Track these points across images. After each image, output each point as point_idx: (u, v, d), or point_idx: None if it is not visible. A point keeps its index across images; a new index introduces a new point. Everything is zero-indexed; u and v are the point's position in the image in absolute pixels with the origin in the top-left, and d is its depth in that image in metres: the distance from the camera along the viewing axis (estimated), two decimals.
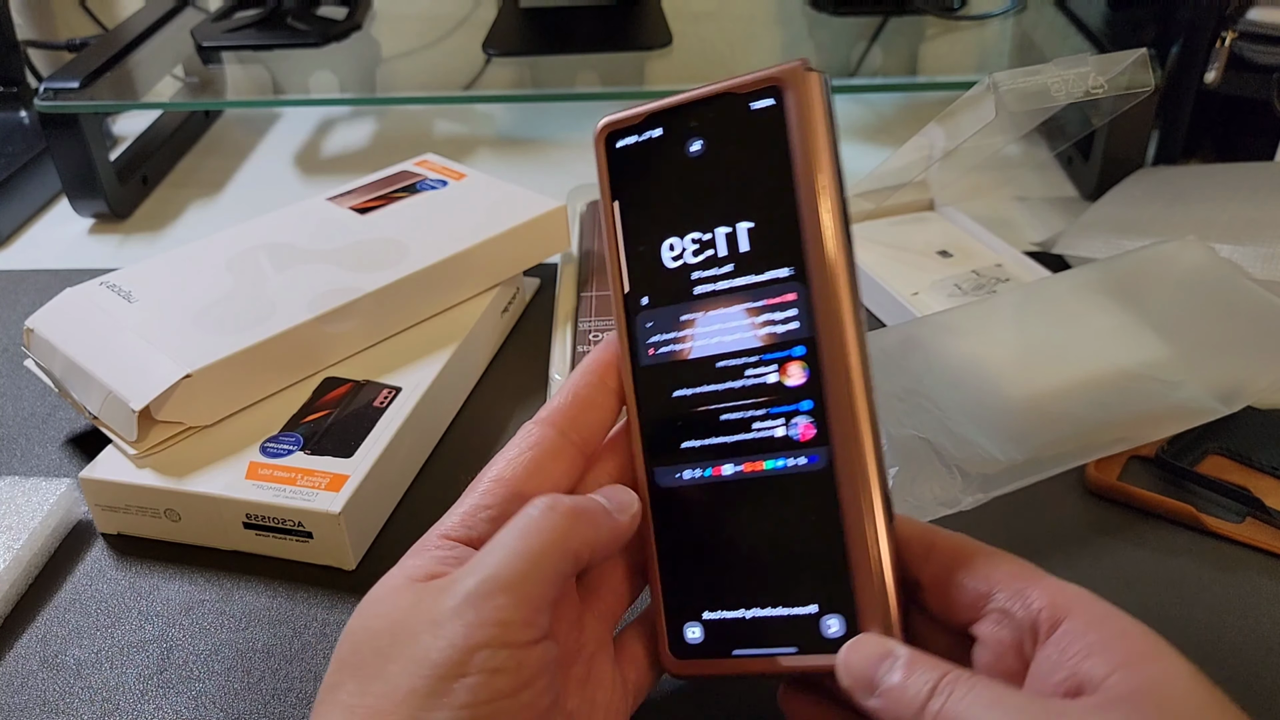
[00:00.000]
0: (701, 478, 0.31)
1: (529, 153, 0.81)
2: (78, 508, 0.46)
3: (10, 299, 0.63)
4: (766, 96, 0.29)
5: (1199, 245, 0.49)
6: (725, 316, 0.30)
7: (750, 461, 0.30)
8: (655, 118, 0.31)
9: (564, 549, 0.27)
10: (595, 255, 0.59)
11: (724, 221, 0.30)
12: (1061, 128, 0.62)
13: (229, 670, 0.39)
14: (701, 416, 0.31)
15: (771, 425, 0.30)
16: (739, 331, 0.30)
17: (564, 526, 0.28)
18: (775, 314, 0.29)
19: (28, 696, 0.38)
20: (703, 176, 0.30)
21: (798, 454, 0.29)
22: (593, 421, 0.32)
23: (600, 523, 0.29)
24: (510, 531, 0.28)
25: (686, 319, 0.31)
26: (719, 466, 0.30)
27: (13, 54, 0.84)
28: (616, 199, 0.32)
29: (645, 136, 0.31)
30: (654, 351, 0.31)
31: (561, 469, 0.31)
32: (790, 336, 0.29)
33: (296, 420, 0.46)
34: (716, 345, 0.30)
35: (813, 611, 0.28)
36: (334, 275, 0.51)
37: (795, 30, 0.90)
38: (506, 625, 0.25)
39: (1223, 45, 0.62)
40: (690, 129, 0.31)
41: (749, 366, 0.30)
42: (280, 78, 0.85)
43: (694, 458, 0.31)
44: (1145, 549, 0.42)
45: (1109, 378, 0.43)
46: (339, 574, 0.43)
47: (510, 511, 0.29)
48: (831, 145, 0.29)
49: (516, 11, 0.83)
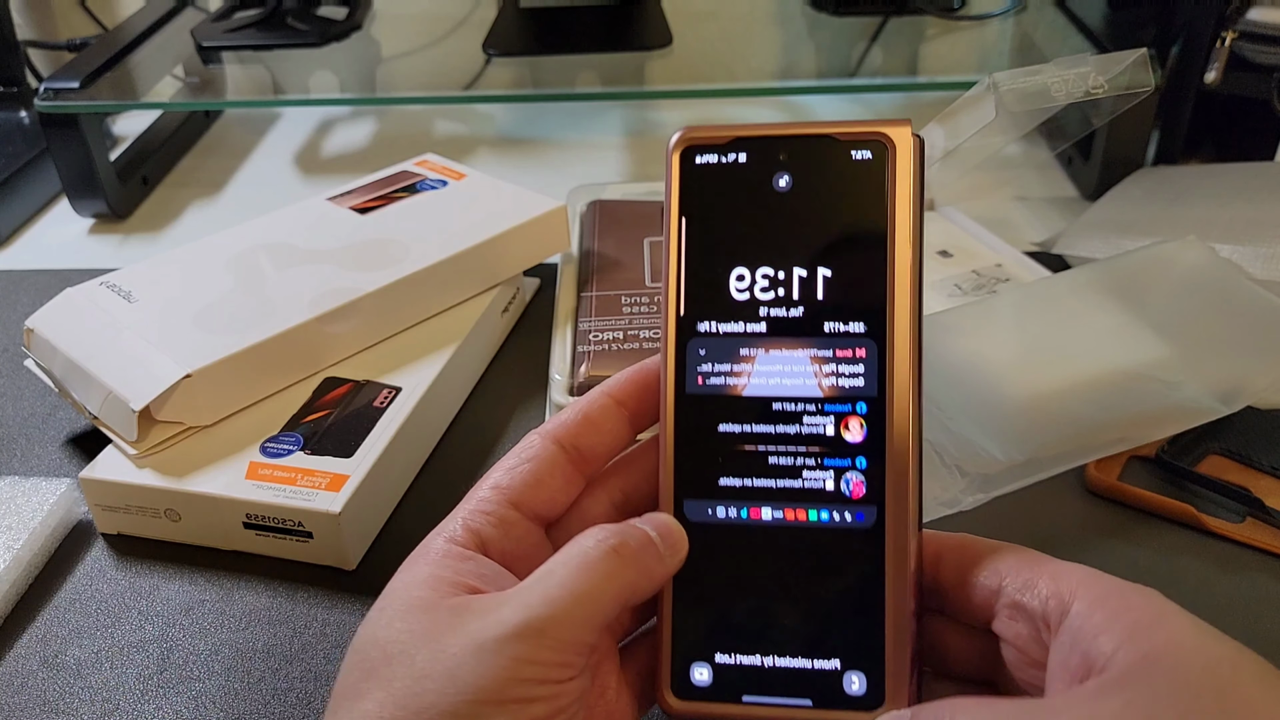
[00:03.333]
0: (736, 517, 0.30)
1: (529, 153, 0.81)
2: (78, 508, 0.46)
3: (10, 299, 0.63)
4: (869, 149, 0.29)
5: (1199, 245, 0.49)
6: (790, 359, 0.30)
7: (793, 509, 0.29)
8: (743, 143, 0.30)
9: (616, 596, 0.27)
10: (595, 255, 0.59)
11: (802, 262, 0.30)
12: (1061, 128, 0.62)
13: (229, 670, 0.39)
14: (746, 455, 0.30)
15: (822, 476, 0.29)
16: (802, 376, 0.29)
17: (619, 572, 0.27)
18: (844, 366, 0.29)
19: (28, 696, 0.38)
20: (785, 213, 0.30)
21: (846, 509, 0.29)
22: (597, 444, 0.31)
23: (654, 569, 0.28)
24: (565, 566, 0.27)
25: (746, 353, 0.30)
26: (757, 509, 0.30)
27: (13, 54, 0.84)
28: (684, 216, 0.31)
29: (729, 159, 0.30)
30: (703, 380, 0.30)
31: (559, 484, 0.31)
32: (855, 392, 0.29)
33: (296, 420, 0.46)
34: (775, 386, 0.30)
35: (834, 666, 0.28)
36: (334, 275, 0.51)
37: (795, 30, 0.90)
38: (549, 665, 0.25)
39: (1223, 45, 0.62)
40: (780, 162, 0.30)
41: (808, 414, 0.29)
42: (280, 78, 0.85)
43: (731, 496, 0.30)
44: (1145, 549, 0.42)
45: (1109, 378, 0.43)
46: (339, 574, 0.43)
47: (509, 521, 0.29)
48: (922, 210, 0.29)
49: (516, 11, 0.83)
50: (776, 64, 0.93)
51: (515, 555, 0.30)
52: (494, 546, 0.29)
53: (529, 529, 0.30)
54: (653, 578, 0.28)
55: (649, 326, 0.52)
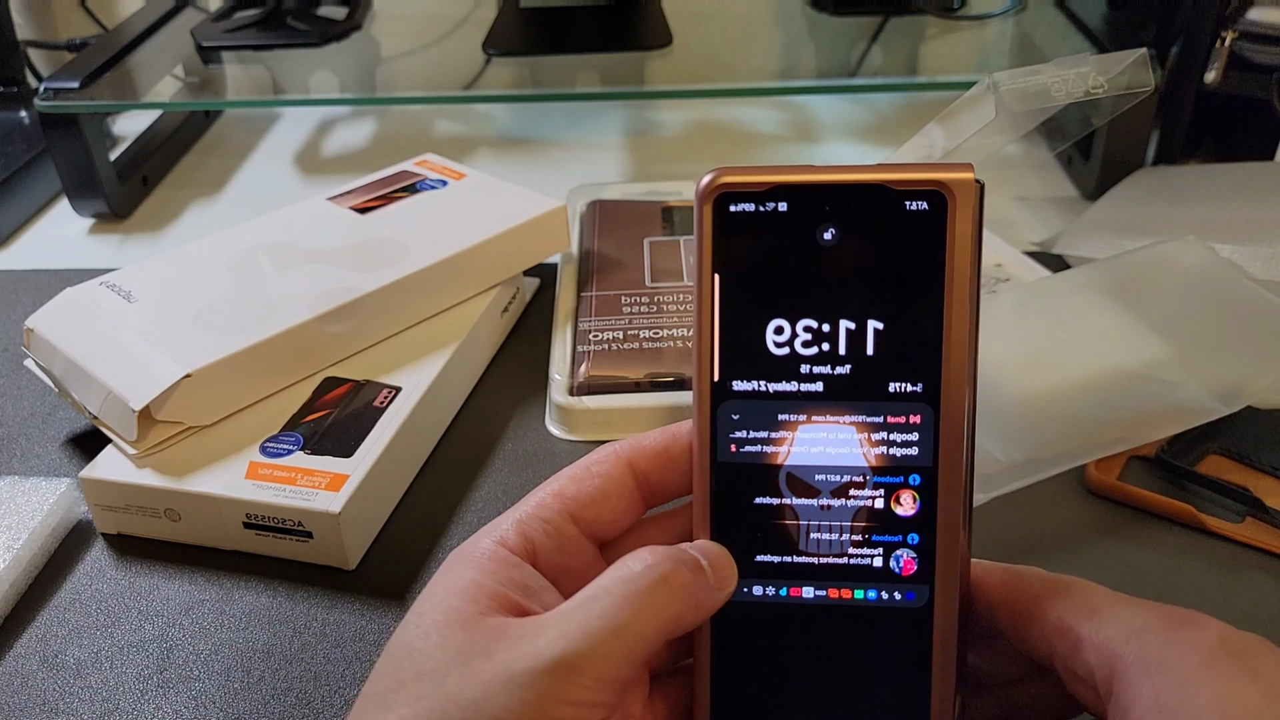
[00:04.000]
0: (775, 596, 0.28)
1: (529, 153, 0.81)
2: (78, 507, 0.46)
3: (10, 299, 0.63)
4: (926, 199, 0.26)
5: (1199, 245, 0.49)
6: (836, 426, 0.27)
7: (837, 588, 0.27)
8: (784, 191, 0.27)
9: (660, 630, 0.25)
10: (595, 255, 0.59)
11: (848, 322, 0.27)
12: (1061, 128, 0.62)
13: (229, 670, 0.39)
14: (786, 531, 0.28)
15: (870, 554, 0.27)
16: (849, 445, 0.27)
17: (667, 604, 0.25)
18: (896, 434, 0.27)
19: (28, 696, 0.38)
20: (832, 265, 0.27)
21: (895, 588, 0.27)
22: (669, 482, 0.29)
23: (703, 602, 0.26)
24: (609, 595, 0.25)
25: (786, 419, 0.27)
26: (798, 588, 0.28)
27: (13, 54, 0.84)
28: (717, 271, 0.27)
29: (768, 209, 0.27)
30: (736, 449, 0.28)
31: (623, 508, 0.29)
32: (909, 462, 0.27)
33: (296, 420, 0.46)
34: (819, 455, 0.27)
35: None
36: (334, 275, 0.51)
37: (795, 30, 0.90)
38: (581, 705, 0.24)
39: (1223, 45, 0.62)
40: (825, 213, 0.27)
41: (854, 486, 0.27)
42: (280, 78, 0.85)
43: (769, 574, 0.28)
44: (1145, 549, 0.42)
45: (1109, 378, 0.43)
46: (339, 574, 0.43)
47: (566, 535, 0.28)
48: (979, 263, 0.26)
49: (516, 11, 0.83)
50: (776, 64, 0.93)
51: (565, 570, 0.28)
52: (545, 558, 0.28)
53: (584, 546, 0.29)
54: (700, 611, 0.26)
55: (649, 326, 0.52)
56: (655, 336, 0.51)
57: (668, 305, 0.54)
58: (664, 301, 0.54)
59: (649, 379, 0.50)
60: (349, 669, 0.39)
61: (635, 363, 0.50)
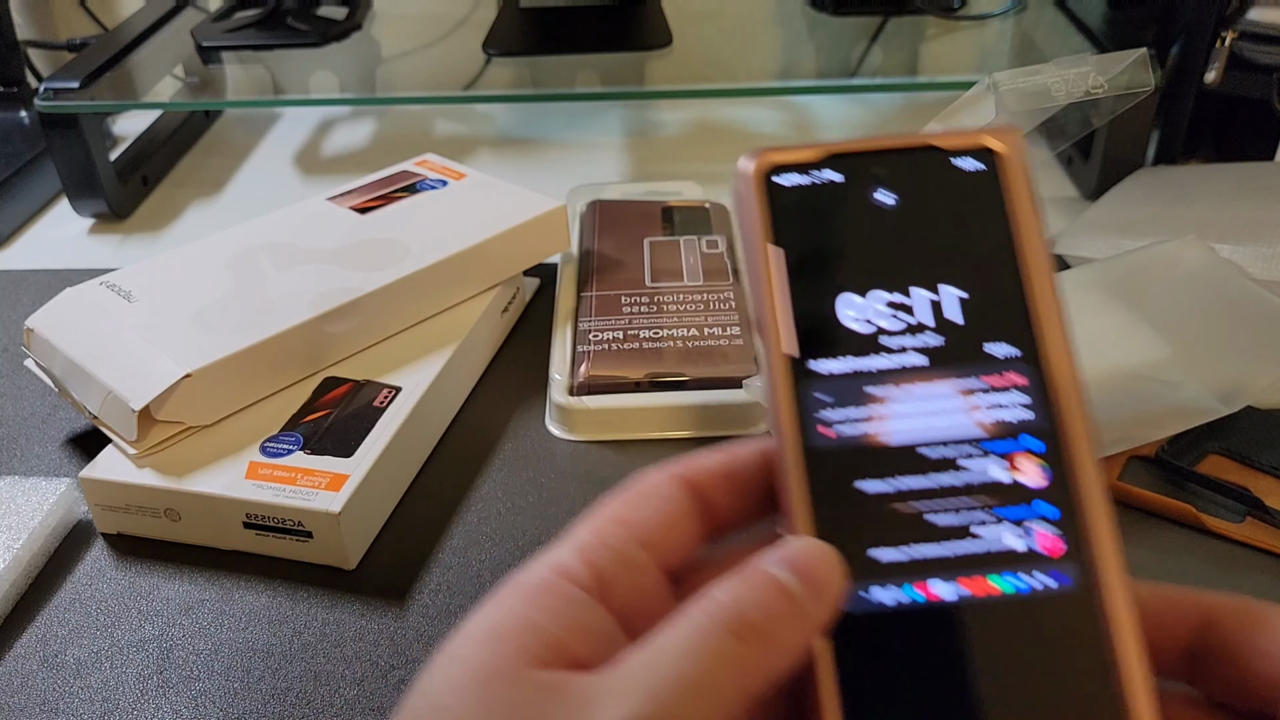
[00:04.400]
0: (903, 600, 0.24)
1: (529, 153, 0.81)
2: (78, 507, 0.46)
3: (10, 299, 0.63)
4: (974, 157, 0.26)
5: (1199, 245, 0.49)
6: (934, 394, 0.25)
7: (971, 577, 0.24)
8: (832, 160, 0.27)
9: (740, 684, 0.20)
10: (595, 255, 0.59)
11: (925, 284, 0.26)
12: (1061, 128, 0.62)
13: (229, 670, 0.39)
14: (900, 517, 0.24)
15: (1000, 533, 0.24)
16: (951, 414, 0.25)
17: (741, 656, 0.20)
18: (1000, 396, 0.25)
19: (28, 696, 0.38)
20: (894, 232, 0.26)
21: (1040, 570, 0.24)
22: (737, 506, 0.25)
23: (789, 637, 0.21)
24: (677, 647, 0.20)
25: (877, 392, 0.25)
26: (926, 584, 0.24)
27: (13, 54, 0.84)
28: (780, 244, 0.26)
29: (820, 179, 0.27)
30: (831, 431, 0.25)
31: (689, 533, 0.25)
32: (1021, 425, 0.25)
33: (296, 420, 0.46)
34: (924, 429, 0.25)
35: None
36: (334, 275, 0.51)
37: (795, 30, 0.90)
38: None
39: (1223, 45, 0.62)
40: (877, 177, 0.27)
41: (964, 457, 0.25)
42: (280, 78, 0.85)
43: (889, 572, 0.24)
44: (1145, 549, 0.42)
45: (1109, 377, 0.43)
46: (339, 574, 0.43)
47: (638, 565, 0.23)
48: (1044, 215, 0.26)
49: (516, 11, 0.83)
50: (776, 64, 0.93)
51: (636, 609, 0.23)
52: (617, 592, 0.23)
53: (657, 579, 0.24)
54: (790, 648, 0.21)
55: (649, 326, 0.52)
56: (655, 336, 0.51)
57: (668, 305, 0.54)
58: (664, 301, 0.54)
59: (649, 379, 0.50)
60: (349, 669, 0.39)
61: (635, 363, 0.50)
